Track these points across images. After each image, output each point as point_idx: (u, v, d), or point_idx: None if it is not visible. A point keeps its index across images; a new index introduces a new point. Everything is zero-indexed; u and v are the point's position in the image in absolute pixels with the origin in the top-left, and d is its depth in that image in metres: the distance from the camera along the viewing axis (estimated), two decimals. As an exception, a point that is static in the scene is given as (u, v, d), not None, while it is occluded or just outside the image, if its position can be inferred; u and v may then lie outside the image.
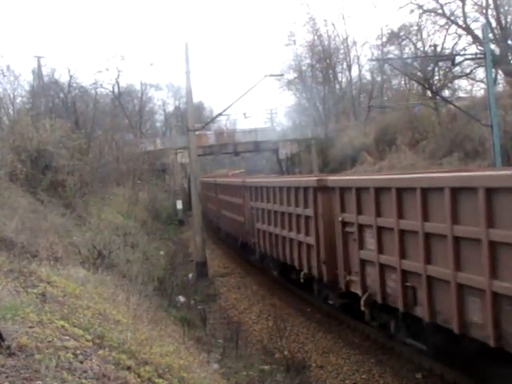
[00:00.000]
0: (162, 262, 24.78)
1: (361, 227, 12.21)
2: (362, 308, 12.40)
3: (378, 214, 11.29)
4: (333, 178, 15.00)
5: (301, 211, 16.16)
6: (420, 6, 43.95)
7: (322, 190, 14.61)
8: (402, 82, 56.64)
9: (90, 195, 28.43)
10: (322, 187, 14.59)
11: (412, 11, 44.63)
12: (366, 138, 49.67)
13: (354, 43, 65.78)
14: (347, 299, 13.79)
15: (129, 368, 6.43)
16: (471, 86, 47.82)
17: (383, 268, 11.37)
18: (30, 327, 6.57)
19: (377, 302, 11.75)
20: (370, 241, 11.79)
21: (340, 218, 13.22)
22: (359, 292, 12.53)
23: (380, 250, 11.37)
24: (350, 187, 12.71)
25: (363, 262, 12.23)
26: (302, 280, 16.55)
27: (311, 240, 15.44)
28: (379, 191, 11.24)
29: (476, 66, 41.80)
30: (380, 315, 12.18)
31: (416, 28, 47.05)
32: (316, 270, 15.20)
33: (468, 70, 43.92)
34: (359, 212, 12.21)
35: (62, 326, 7.07)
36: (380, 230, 11.35)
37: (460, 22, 42.72)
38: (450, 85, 46.83)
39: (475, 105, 34.66)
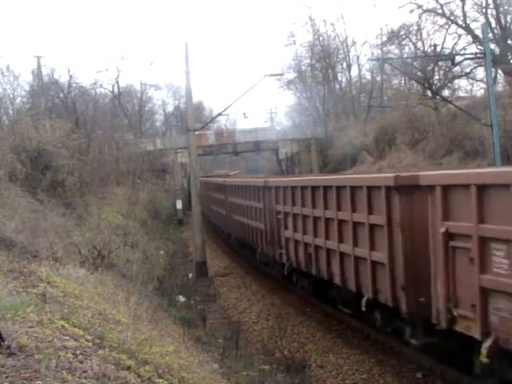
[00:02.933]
0: (162, 262, 24.77)
1: (285, 214, 17.24)
2: (285, 273, 17.43)
3: (293, 204, 16.29)
4: (271, 180, 20.60)
5: (256, 204, 21.17)
6: (420, 6, 43.99)
7: (267, 189, 19.40)
8: (402, 82, 56.63)
9: (90, 195, 28.45)
10: (266, 186, 19.55)
11: (412, 11, 44.69)
12: (365, 137, 49.69)
13: (354, 43, 65.80)
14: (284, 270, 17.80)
15: (129, 368, 6.43)
16: (471, 86, 47.95)
17: (296, 242, 16.30)
18: (30, 327, 6.57)
19: (293, 267, 16.79)
20: (290, 223, 16.76)
21: (275, 208, 18.36)
22: (285, 262, 17.47)
23: (294, 229, 16.36)
24: (279, 186, 17.93)
25: (286, 240, 17.33)
26: (257, 257, 21.75)
27: (262, 226, 20.38)
28: (294, 189, 16.23)
29: (476, 65, 41.82)
30: (300, 279, 17.08)
31: (416, 28, 47.11)
32: (266, 249, 20.05)
33: (468, 70, 43.96)
34: (284, 203, 17.28)
35: (62, 326, 7.08)
36: (294, 216, 16.25)
37: (460, 21, 42.73)
38: (449, 84, 46.82)
39: (475, 104, 34.67)
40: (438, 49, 44.77)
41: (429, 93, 43.48)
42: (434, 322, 9.20)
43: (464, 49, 42.71)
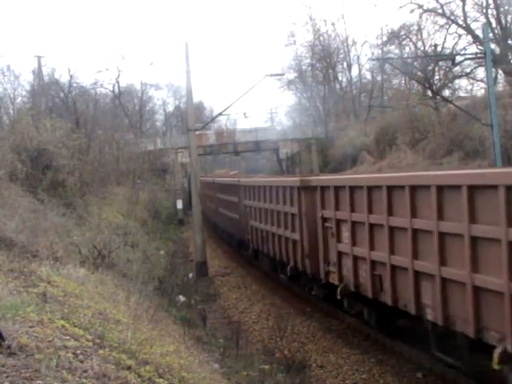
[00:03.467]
0: (162, 262, 24.78)
1: (338, 222, 13.41)
2: (338, 297, 13.49)
3: (353, 209, 12.50)
4: (314, 178, 16.43)
5: (288, 209, 17.16)
6: (420, 6, 44.05)
7: (304, 190, 15.73)
8: (403, 82, 56.66)
9: (91, 195, 28.45)
10: (305, 187, 15.68)
11: (412, 11, 44.77)
12: (366, 137, 49.71)
13: (354, 43, 65.92)
14: (329, 290, 14.73)
15: (129, 368, 6.43)
16: (471, 86, 47.98)
17: (356, 259, 12.55)
18: (31, 327, 6.57)
19: (351, 290, 12.98)
20: (345, 234, 12.98)
21: (320, 215, 14.46)
22: (336, 282, 13.70)
23: (353, 242, 12.55)
24: (328, 186, 14.03)
25: (339, 255, 13.43)
26: (287, 273, 18.06)
27: (296, 236, 16.41)
28: (354, 189, 12.45)
29: (476, 65, 41.86)
30: (356, 305, 13.39)
31: (416, 27, 47.15)
32: (301, 264, 16.32)
33: (468, 70, 44.01)
34: (337, 208, 13.42)
35: (63, 326, 7.08)
36: (354, 225, 12.54)
37: (460, 21, 42.77)
38: (450, 84, 46.87)
39: (475, 104, 34.67)
40: (439, 49, 44.85)
41: (429, 93, 43.51)
42: None
43: (464, 49, 42.85)
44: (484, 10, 41.31)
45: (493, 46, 37.33)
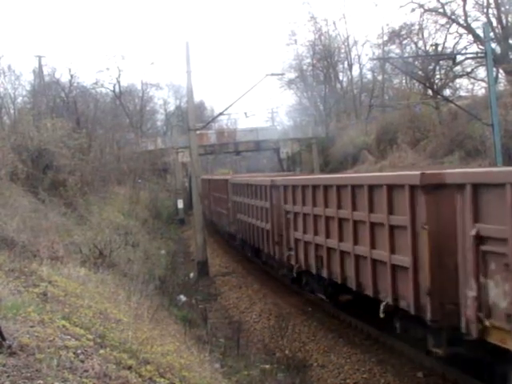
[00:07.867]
0: (163, 261, 24.80)
1: (295, 214, 16.55)
2: (294, 275, 16.69)
3: (304, 203, 15.58)
4: (279, 178, 20.09)
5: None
6: (421, 5, 43.99)
7: (274, 188, 18.91)
8: (403, 81, 56.57)
9: (91, 194, 28.48)
10: (273, 185, 19.12)
11: (413, 10, 44.68)
12: (366, 137, 49.68)
13: (355, 42, 65.75)
14: (292, 273, 17.06)
15: (130, 367, 6.44)
16: (472, 85, 47.83)
17: (306, 244, 15.63)
18: (32, 327, 6.58)
19: (303, 269, 16.09)
20: (300, 224, 16.02)
21: (283, 208, 17.71)
22: (294, 263, 16.78)
23: (304, 230, 15.66)
24: (288, 185, 17.37)
25: (296, 241, 16.54)
26: (263, 259, 21.78)
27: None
28: (304, 188, 15.61)
29: (477, 65, 41.80)
30: (309, 281, 16.37)
31: (417, 27, 47.08)
32: (272, 249, 19.38)
33: (469, 69, 43.93)
34: (294, 203, 16.64)
35: (63, 326, 7.09)
36: (304, 216, 15.66)
37: (461, 21, 42.72)
38: (451, 84, 46.80)
39: (476, 104, 34.65)
40: (439, 48, 44.76)
41: (430, 92, 43.49)
42: None
43: (465, 48, 42.82)
44: (485, 10, 41.27)
45: (493, 45, 37.26)
